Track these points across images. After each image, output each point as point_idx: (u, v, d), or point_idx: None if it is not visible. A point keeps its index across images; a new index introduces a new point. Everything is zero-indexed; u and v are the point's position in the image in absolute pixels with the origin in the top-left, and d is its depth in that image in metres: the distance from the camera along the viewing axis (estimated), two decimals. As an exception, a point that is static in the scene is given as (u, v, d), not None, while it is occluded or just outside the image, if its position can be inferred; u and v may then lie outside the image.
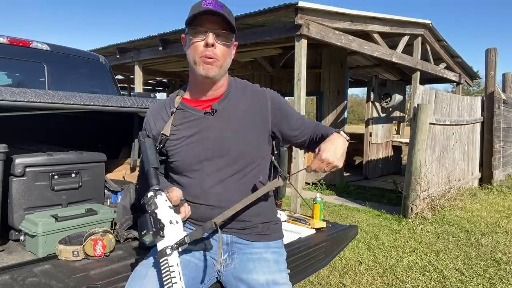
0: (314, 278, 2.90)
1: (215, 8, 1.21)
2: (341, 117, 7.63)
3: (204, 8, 1.21)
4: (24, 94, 1.61)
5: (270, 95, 1.39)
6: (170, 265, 1.05)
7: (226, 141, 1.31)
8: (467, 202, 5.61)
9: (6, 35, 2.99)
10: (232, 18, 1.27)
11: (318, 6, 4.78)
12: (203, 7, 1.22)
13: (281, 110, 1.39)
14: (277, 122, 1.38)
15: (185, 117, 1.35)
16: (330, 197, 6.24)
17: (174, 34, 6.24)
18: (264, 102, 1.37)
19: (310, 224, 2.12)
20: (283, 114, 1.39)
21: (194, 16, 1.22)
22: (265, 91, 1.41)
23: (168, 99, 1.45)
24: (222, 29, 1.24)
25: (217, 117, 1.33)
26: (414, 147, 4.74)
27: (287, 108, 1.42)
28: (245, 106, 1.36)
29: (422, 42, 7.17)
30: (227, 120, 1.33)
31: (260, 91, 1.40)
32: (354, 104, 41.78)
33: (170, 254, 1.06)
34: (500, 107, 7.06)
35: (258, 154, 1.37)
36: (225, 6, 1.26)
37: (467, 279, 2.98)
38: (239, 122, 1.33)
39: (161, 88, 13.46)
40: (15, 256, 1.66)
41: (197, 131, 1.32)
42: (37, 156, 1.85)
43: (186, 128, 1.34)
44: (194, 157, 1.31)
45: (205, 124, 1.33)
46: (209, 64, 1.25)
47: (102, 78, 3.57)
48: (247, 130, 1.34)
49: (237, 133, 1.33)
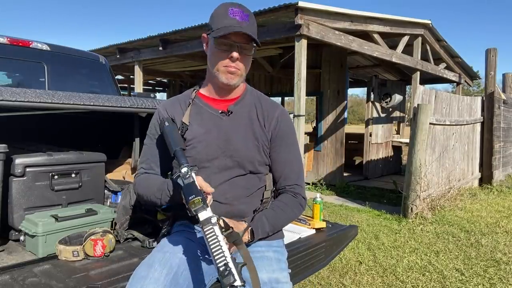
0: (314, 278, 2.90)
1: (242, 20, 1.23)
2: (341, 117, 7.63)
3: (231, 26, 1.22)
4: (24, 94, 1.61)
5: (279, 115, 1.40)
6: (217, 234, 1.04)
7: (236, 142, 1.34)
8: (467, 202, 5.61)
9: (6, 35, 2.99)
10: (254, 26, 1.29)
11: (318, 6, 4.78)
12: (230, 18, 1.23)
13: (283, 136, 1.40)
14: (272, 142, 1.39)
15: (200, 112, 1.37)
16: (330, 197, 6.24)
17: (174, 34, 6.24)
18: (271, 118, 1.39)
19: (310, 224, 2.12)
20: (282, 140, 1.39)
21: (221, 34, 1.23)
22: (277, 108, 1.42)
23: (182, 95, 1.46)
24: (247, 43, 1.27)
25: (230, 118, 1.36)
26: (414, 147, 4.74)
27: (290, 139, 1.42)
28: (255, 115, 1.38)
29: (422, 42, 7.17)
30: (239, 123, 1.36)
31: (272, 106, 1.42)
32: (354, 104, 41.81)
33: (215, 224, 1.06)
34: (500, 107, 7.06)
35: (262, 161, 1.38)
36: (250, 13, 1.28)
37: (467, 279, 2.98)
38: (248, 128, 1.36)
39: (161, 88, 13.46)
40: (15, 256, 1.66)
41: (210, 129, 1.35)
42: (37, 156, 1.85)
43: (200, 125, 1.35)
44: (206, 155, 1.33)
45: (219, 123, 1.35)
46: (232, 74, 1.29)
47: (102, 78, 3.57)
48: (253, 137, 1.36)
49: (245, 137, 1.35)
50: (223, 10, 1.26)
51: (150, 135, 1.43)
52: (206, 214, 1.07)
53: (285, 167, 1.40)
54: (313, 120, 8.88)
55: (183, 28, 5.92)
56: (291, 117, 1.49)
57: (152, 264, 1.22)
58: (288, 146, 1.41)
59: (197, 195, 1.06)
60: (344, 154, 7.58)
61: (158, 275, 1.18)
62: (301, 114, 4.81)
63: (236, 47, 1.26)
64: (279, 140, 1.39)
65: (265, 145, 1.38)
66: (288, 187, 1.41)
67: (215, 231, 1.04)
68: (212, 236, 1.04)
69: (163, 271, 1.19)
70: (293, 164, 1.42)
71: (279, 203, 1.39)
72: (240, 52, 1.27)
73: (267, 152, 1.39)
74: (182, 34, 6.16)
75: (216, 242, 1.02)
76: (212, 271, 1.34)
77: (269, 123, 1.38)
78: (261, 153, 1.37)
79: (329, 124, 7.69)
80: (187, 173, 1.14)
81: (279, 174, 1.41)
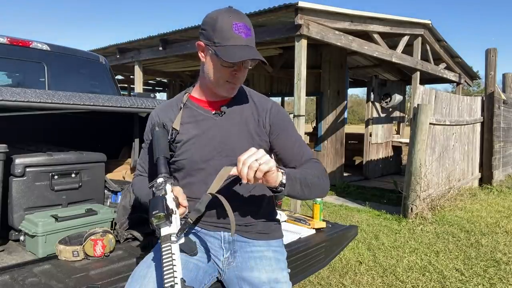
0: (314, 278, 2.90)
1: (247, 37, 1.23)
2: (341, 117, 7.63)
3: (238, 41, 1.21)
4: (24, 94, 1.61)
5: (272, 106, 1.40)
6: (173, 253, 1.04)
7: (231, 141, 1.33)
8: (467, 202, 5.61)
9: (6, 35, 2.99)
10: (254, 40, 1.29)
11: (318, 6, 4.78)
12: (235, 35, 1.21)
13: (279, 124, 1.38)
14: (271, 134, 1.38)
15: (193, 115, 1.36)
16: (330, 197, 6.23)
17: (174, 34, 6.24)
18: (264, 111, 1.38)
19: (310, 224, 2.12)
20: (280, 128, 1.38)
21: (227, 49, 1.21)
22: (269, 101, 1.42)
23: (174, 99, 1.45)
24: (250, 59, 1.26)
25: (224, 118, 1.35)
26: (414, 147, 4.74)
27: (287, 125, 1.41)
28: (249, 113, 1.37)
29: (422, 42, 7.17)
30: (232, 123, 1.35)
31: (264, 101, 1.42)
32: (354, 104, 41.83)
33: (174, 242, 1.06)
34: (500, 107, 7.06)
35: None
36: (250, 24, 1.28)
37: (467, 279, 2.98)
38: (242, 126, 1.35)
39: (161, 88, 13.47)
40: (15, 256, 1.66)
41: (204, 131, 1.34)
42: (37, 156, 1.85)
43: (194, 127, 1.35)
44: (201, 157, 1.33)
45: (212, 124, 1.34)
46: (233, 89, 1.30)
47: (102, 78, 3.57)
48: (249, 135, 1.35)
49: (240, 136, 1.34)
50: (227, 24, 1.21)
51: (145, 140, 1.45)
52: (168, 230, 1.07)
53: (293, 149, 1.38)
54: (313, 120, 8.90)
55: (183, 28, 5.91)
56: (284, 109, 1.47)
57: (151, 264, 1.22)
58: (288, 130, 1.39)
59: (161, 210, 1.06)
60: (344, 154, 7.58)
61: (157, 274, 1.18)
62: (301, 114, 4.81)
63: (241, 66, 1.26)
64: (277, 130, 1.38)
65: (264, 140, 1.36)
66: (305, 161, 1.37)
67: (172, 249, 1.04)
68: (167, 253, 1.04)
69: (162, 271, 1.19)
70: (299, 145, 1.40)
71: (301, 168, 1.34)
72: (244, 67, 1.27)
73: (266, 147, 1.37)
74: (182, 34, 6.16)
75: (169, 260, 1.03)
76: (212, 271, 1.34)
77: (264, 117, 1.37)
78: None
79: (329, 124, 7.69)
80: (160, 185, 1.15)
81: (290, 158, 1.38)
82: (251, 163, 1.08)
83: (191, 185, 1.34)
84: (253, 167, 1.08)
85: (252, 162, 1.08)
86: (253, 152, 1.11)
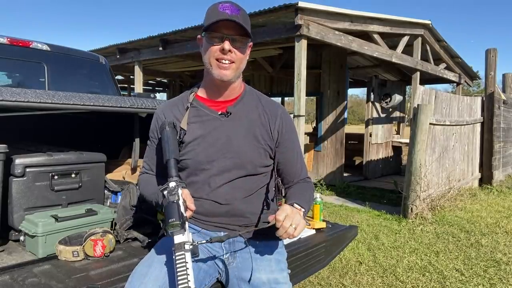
0: (314, 278, 2.90)
1: (232, 14, 1.22)
2: (341, 117, 7.63)
3: (221, 16, 1.22)
4: (24, 94, 1.61)
5: (281, 113, 1.41)
6: (187, 261, 1.05)
7: (236, 143, 1.33)
8: (467, 203, 5.61)
9: (6, 35, 2.99)
10: (248, 23, 1.28)
11: (318, 6, 4.78)
12: (220, 12, 1.22)
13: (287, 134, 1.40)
14: (277, 142, 1.39)
15: (199, 115, 1.36)
16: (330, 197, 6.23)
17: (174, 34, 6.24)
18: (274, 117, 1.38)
19: (310, 225, 2.12)
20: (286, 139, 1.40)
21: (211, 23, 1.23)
22: (279, 107, 1.42)
23: (179, 98, 1.45)
24: (238, 34, 1.25)
25: (230, 119, 1.35)
26: (414, 147, 4.74)
27: (293, 137, 1.44)
28: (256, 116, 1.37)
29: (422, 43, 7.17)
30: (238, 124, 1.35)
31: (273, 105, 1.42)
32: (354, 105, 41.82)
33: (188, 250, 1.07)
34: (500, 108, 7.06)
35: (263, 162, 1.38)
36: (242, 9, 1.27)
37: (467, 279, 2.98)
38: (248, 129, 1.35)
39: (161, 89, 13.46)
40: (15, 256, 1.66)
41: (210, 131, 1.33)
42: (37, 156, 1.85)
43: (199, 127, 1.34)
44: (206, 157, 1.32)
45: (218, 125, 1.34)
46: (225, 69, 1.27)
47: (102, 78, 3.57)
48: (254, 138, 1.35)
49: (245, 138, 1.34)
50: (214, 6, 1.26)
51: (151, 137, 1.44)
52: (181, 238, 1.08)
53: (294, 164, 1.44)
54: (313, 120, 8.89)
55: (183, 28, 5.92)
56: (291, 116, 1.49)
57: (151, 263, 1.22)
58: (293, 143, 1.43)
59: (177, 219, 1.06)
60: (344, 154, 7.58)
61: (158, 273, 1.18)
62: (301, 114, 4.81)
63: (227, 39, 1.24)
64: (284, 138, 1.39)
65: (268, 145, 1.36)
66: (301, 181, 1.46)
67: (186, 257, 1.05)
68: (181, 261, 1.05)
69: (162, 270, 1.19)
70: (299, 161, 1.46)
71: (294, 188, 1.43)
72: (231, 43, 1.25)
73: (270, 152, 1.38)
74: (182, 34, 6.16)
75: (183, 268, 1.04)
76: (212, 271, 1.34)
77: (274, 122, 1.37)
78: (262, 154, 1.36)
79: (329, 124, 7.69)
80: (174, 189, 1.14)
81: (289, 173, 1.44)
82: (288, 230, 1.16)
83: (193, 184, 1.34)
84: (289, 233, 1.17)
85: (289, 229, 1.16)
86: (288, 214, 1.18)
